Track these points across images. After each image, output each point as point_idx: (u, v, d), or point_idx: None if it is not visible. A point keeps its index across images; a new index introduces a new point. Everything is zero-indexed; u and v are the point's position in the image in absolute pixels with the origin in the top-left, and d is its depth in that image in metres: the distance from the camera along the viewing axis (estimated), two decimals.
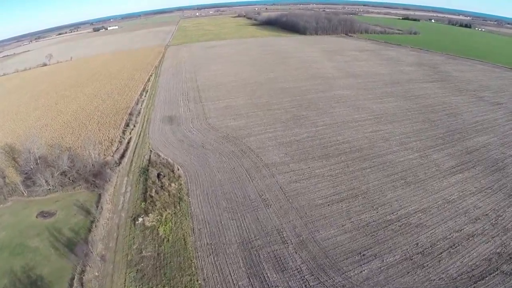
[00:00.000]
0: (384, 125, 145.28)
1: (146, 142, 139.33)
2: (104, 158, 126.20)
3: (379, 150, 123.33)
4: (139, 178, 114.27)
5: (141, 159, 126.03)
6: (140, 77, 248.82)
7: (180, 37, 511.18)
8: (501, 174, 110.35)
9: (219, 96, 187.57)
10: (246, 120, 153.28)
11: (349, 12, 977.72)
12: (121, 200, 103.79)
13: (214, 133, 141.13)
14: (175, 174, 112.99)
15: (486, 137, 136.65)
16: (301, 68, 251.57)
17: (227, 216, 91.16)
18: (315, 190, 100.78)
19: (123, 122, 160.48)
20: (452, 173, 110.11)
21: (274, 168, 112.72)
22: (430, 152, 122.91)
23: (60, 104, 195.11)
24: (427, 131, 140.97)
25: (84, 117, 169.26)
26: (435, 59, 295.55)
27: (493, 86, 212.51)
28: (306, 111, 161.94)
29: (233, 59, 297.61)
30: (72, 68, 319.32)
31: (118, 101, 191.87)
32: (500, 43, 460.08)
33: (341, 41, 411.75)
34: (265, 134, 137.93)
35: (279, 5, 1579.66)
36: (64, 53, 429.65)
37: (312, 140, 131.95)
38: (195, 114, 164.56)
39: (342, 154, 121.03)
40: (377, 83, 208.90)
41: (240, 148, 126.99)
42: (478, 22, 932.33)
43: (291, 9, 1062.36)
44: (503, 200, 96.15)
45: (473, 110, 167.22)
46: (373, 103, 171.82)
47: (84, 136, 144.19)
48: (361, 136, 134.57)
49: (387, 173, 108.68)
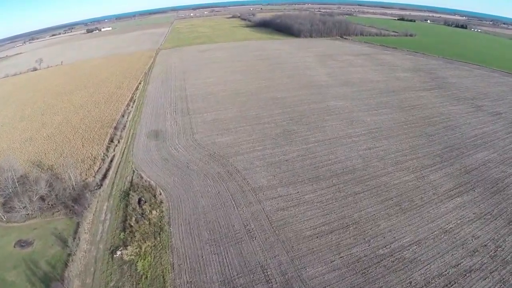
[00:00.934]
0: (379, 141, 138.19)
1: (130, 160, 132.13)
2: (85, 179, 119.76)
3: (373, 171, 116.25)
4: (119, 203, 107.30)
5: (123, 181, 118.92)
6: (128, 85, 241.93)
7: (173, 40, 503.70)
8: (501, 196, 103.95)
9: (207, 108, 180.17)
10: (234, 136, 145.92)
11: (344, 12, 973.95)
12: (100, 229, 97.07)
13: (200, 151, 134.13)
14: (157, 199, 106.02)
15: (485, 153, 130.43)
16: (294, 75, 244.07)
17: (209, 250, 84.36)
18: (303, 219, 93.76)
19: (108, 137, 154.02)
20: (450, 196, 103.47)
21: (261, 193, 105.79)
22: (427, 173, 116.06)
23: (46, 115, 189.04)
24: (424, 147, 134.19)
25: (69, 130, 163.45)
26: (432, 64, 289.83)
27: (492, 93, 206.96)
28: (297, 125, 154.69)
29: (225, 65, 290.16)
30: (62, 74, 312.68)
31: (105, 112, 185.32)
32: (497, 45, 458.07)
33: (335, 44, 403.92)
34: (253, 153, 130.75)
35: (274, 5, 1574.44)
36: (55, 57, 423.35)
37: (303, 159, 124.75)
38: (182, 128, 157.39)
39: (334, 176, 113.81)
40: (372, 92, 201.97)
41: (227, 169, 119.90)
42: (474, 22, 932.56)
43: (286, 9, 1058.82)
44: (502, 228, 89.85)
45: (472, 121, 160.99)
46: (367, 116, 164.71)
47: (67, 152, 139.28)
48: (354, 154, 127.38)
49: (381, 199, 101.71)
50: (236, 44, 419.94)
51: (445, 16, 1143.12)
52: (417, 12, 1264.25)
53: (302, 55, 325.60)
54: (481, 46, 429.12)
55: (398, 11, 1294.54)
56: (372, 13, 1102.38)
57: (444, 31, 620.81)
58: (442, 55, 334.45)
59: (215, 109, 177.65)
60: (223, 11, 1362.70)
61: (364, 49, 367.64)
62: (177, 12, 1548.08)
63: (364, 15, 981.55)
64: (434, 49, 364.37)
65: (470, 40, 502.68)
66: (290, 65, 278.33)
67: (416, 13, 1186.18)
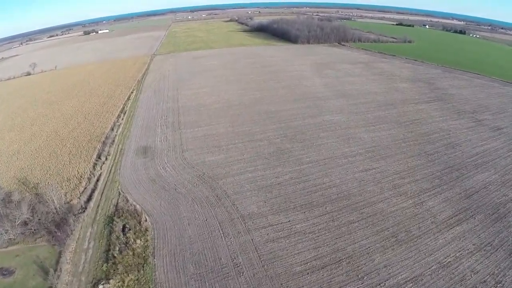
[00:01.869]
0: (376, 161, 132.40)
1: (116, 180, 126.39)
2: (70, 201, 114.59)
3: (369, 197, 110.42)
4: (103, 230, 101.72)
5: (108, 204, 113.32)
6: (120, 94, 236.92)
7: (169, 44, 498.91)
8: (502, 224, 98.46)
9: (199, 122, 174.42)
10: (225, 154, 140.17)
11: (343, 17, 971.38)
12: (83, 259, 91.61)
13: (189, 171, 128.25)
14: (142, 226, 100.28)
15: (486, 174, 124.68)
16: (289, 86, 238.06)
17: (194, 286, 78.94)
18: (294, 252, 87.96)
19: (95, 152, 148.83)
20: (449, 225, 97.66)
21: (250, 222, 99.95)
22: (426, 198, 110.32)
23: (36, 126, 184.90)
24: (423, 168, 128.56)
25: (57, 144, 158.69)
26: (431, 73, 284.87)
27: (492, 105, 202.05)
28: (291, 142, 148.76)
29: (219, 73, 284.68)
30: (55, 80, 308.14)
31: (94, 124, 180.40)
32: (496, 52, 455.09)
33: (333, 51, 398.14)
34: (244, 175, 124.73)
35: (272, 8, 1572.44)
36: (50, 61, 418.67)
37: (296, 183, 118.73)
38: (172, 144, 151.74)
39: (327, 202, 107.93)
40: (370, 105, 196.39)
41: (216, 193, 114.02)
42: (472, 27, 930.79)
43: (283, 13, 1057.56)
44: (503, 260, 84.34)
45: (472, 138, 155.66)
46: (365, 132, 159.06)
47: (53, 169, 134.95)
48: (350, 177, 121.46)
49: (376, 229, 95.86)
50: (231, 50, 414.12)
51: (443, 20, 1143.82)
52: (415, 17, 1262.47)
53: (299, 63, 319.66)
54: (480, 53, 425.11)
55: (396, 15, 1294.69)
56: (370, 17, 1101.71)
57: (442, 37, 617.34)
58: (441, 63, 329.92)
59: (207, 123, 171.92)
60: (221, 14, 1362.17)
61: (362, 56, 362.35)
62: (175, 15, 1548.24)
63: (362, 19, 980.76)
64: (433, 57, 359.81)
65: (468, 46, 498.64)
66: (286, 74, 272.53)
67: (414, 18, 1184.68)
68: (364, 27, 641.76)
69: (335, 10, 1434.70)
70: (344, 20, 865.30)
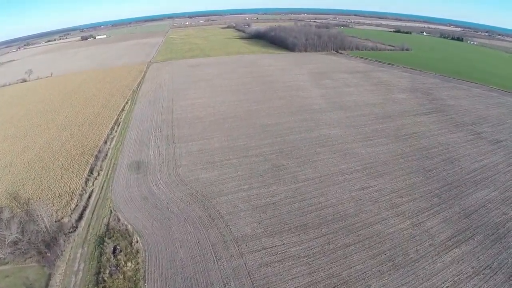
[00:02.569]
0: (374, 179, 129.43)
1: (108, 198, 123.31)
2: (61, 219, 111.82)
3: (366, 217, 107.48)
4: (94, 251, 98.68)
5: (99, 223, 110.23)
6: (115, 104, 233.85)
7: (166, 52, 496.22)
8: (502, 245, 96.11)
9: (193, 135, 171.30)
10: (219, 171, 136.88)
11: (340, 23, 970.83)
12: (73, 281, 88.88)
13: (182, 189, 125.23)
14: (133, 248, 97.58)
15: (485, 192, 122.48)
16: (286, 97, 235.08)
17: None
18: (288, 278, 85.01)
19: (88, 167, 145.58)
20: (448, 248, 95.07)
21: (244, 244, 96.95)
22: (424, 218, 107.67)
23: (29, 136, 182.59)
24: (422, 185, 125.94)
25: (49, 156, 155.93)
26: (429, 83, 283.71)
27: (491, 116, 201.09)
28: (287, 159, 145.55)
29: (215, 83, 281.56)
30: (50, 88, 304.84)
31: (88, 136, 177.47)
32: (493, 60, 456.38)
33: (330, 60, 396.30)
34: (238, 193, 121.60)
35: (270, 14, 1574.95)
36: (46, 67, 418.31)
37: (291, 202, 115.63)
38: (165, 159, 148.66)
39: (323, 223, 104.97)
40: (368, 118, 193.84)
41: (209, 213, 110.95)
42: (469, 34, 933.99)
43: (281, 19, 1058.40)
44: (502, 284, 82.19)
45: (471, 152, 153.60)
46: (362, 147, 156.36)
47: (45, 184, 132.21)
48: (347, 196, 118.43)
49: (373, 252, 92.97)
50: (228, 58, 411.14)
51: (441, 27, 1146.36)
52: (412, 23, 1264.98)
53: (296, 73, 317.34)
54: (478, 61, 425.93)
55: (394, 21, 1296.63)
56: (368, 24, 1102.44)
57: (440, 44, 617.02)
58: (439, 71, 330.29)
59: (201, 137, 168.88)
60: (218, 20, 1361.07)
61: (359, 65, 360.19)
62: (173, 20, 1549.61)
63: (360, 26, 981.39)
64: (431, 66, 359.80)
65: (467, 54, 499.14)
66: (283, 85, 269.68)
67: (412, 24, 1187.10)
68: (362, 34, 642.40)
69: (333, 16, 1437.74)
70: (342, 27, 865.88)
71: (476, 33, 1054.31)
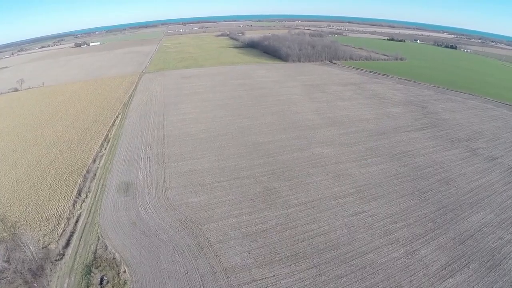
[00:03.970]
0: (367, 203, 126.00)
1: (96, 222, 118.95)
2: (48, 245, 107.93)
3: (359, 246, 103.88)
4: (81, 281, 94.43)
5: (87, 251, 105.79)
6: (105, 118, 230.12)
7: (159, 61, 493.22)
8: (497, 273, 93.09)
9: (183, 154, 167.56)
10: (209, 195, 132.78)
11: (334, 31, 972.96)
12: None
13: (171, 214, 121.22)
14: (120, 278, 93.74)
15: (481, 215, 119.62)
16: (278, 112, 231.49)
17: None
18: None
19: (76, 188, 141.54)
20: (442, 277, 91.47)
21: (233, 276, 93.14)
22: (418, 246, 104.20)
23: (18, 152, 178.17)
24: (416, 209, 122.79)
25: (38, 175, 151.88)
26: (423, 95, 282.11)
27: (486, 131, 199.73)
28: (279, 181, 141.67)
29: (207, 97, 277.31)
30: (40, 99, 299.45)
31: (76, 154, 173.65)
32: (488, 69, 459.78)
33: (324, 71, 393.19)
34: (228, 219, 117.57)
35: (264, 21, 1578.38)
36: (38, 76, 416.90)
37: (282, 230, 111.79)
38: (154, 181, 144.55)
39: (315, 253, 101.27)
40: (362, 134, 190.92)
41: (198, 241, 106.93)
42: (463, 41, 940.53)
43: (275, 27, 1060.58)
44: None
45: (467, 171, 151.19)
46: (356, 167, 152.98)
47: (32, 206, 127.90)
48: (339, 223, 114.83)
49: (366, 284, 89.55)
50: (221, 69, 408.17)
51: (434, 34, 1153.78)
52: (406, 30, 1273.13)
53: (289, 85, 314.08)
54: (472, 71, 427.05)
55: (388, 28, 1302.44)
56: (362, 31, 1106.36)
57: (434, 53, 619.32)
58: (433, 82, 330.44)
59: (192, 156, 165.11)
60: (212, 27, 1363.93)
61: (353, 76, 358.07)
62: (168, 27, 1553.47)
63: (354, 34, 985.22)
64: (426, 76, 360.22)
65: (461, 63, 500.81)
66: (275, 99, 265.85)
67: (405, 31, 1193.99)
68: (356, 43, 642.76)
69: (327, 24, 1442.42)
70: (336, 35, 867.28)
71: (469, 40, 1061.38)
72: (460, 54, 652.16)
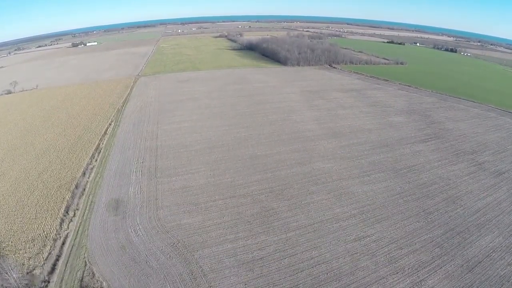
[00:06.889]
0: (371, 226, 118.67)
1: (83, 245, 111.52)
2: (33, 270, 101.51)
3: (362, 276, 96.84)
4: None
5: (73, 278, 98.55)
6: (97, 126, 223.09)
7: (155, 63, 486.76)
8: None
9: (177, 168, 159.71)
10: (203, 216, 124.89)
11: (333, 34, 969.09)
12: None
13: (163, 237, 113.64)
14: None
15: (489, 238, 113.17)
16: (277, 121, 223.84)
17: None
18: None
19: (64, 204, 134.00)
20: None
21: None
22: (425, 275, 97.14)
23: (6, 162, 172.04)
24: (422, 233, 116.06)
25: (25, 189, 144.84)
26: (426, 102, 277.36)
27: (491, 142, 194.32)
28: (277, 200, 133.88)
29: (204, 103, 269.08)
30: (33, 103, 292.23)
31: (66, 165, 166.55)
32: (489, 74, 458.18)
33: (324, 76, 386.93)
34: (223, 245, 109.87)
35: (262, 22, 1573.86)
36: (32, 78, 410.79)
37: (280, 258, 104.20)
38: (146, 198, 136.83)
39: (315, 284, 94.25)
40: (364, 147, 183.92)
41: (190, 269, 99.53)
42: (463, 44, 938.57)
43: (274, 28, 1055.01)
44: None
45: (473, 188, 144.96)
46: (358, 184, 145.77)
47: (18, 225, 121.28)
48: (341, 249, 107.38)
49: None
50: (218, 73, 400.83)
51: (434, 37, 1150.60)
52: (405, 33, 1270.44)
53: (288, 91, 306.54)
54: (473, 76, 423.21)
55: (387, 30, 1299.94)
56: (361, 34, 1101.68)
57: (434, 57, 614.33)
58: (435, 89, 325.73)
59: (186, 171, 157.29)
60: (211, 28, 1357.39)
61: (354, 82, 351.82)
62: (166, 26, 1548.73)
63: (353, 36, 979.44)
64: (427, 82, 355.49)
65: (461, 67, 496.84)
66: (274, 106, 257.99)
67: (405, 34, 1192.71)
68: (355, 46, 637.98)
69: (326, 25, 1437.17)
70: (335, 37, 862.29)
71: (468, 43, 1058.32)
72: (460, 58, 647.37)
